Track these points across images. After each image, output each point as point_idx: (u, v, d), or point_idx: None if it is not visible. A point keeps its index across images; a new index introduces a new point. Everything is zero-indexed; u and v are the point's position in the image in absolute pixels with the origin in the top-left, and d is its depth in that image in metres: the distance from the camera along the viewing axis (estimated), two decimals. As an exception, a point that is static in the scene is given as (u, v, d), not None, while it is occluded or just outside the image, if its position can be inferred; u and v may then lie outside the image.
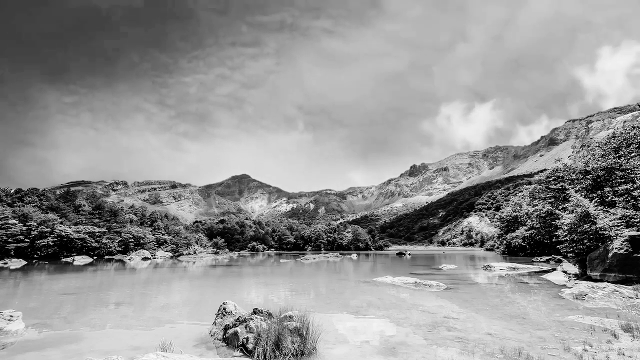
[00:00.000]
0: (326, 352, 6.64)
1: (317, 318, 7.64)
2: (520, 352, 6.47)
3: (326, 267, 34.15)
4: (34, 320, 9.71)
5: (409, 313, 10.50)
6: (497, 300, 13.07)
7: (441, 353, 6.56)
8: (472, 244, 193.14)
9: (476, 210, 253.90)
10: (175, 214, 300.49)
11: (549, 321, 9.26)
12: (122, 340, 7.85)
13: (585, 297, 12.68)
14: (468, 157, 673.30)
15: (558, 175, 28.12)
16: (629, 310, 10.44)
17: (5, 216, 49.84)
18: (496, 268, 27.57)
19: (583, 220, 18.32)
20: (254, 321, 7.08)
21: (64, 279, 22.96)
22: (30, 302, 13.26)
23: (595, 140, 28.57)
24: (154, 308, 12.05)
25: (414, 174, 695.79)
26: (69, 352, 6.93)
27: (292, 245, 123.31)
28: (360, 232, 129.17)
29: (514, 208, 61.18)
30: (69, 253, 53.43)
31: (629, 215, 18.56)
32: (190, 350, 6.79)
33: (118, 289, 17.30)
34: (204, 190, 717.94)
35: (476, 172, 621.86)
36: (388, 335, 7.96)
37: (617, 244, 15.91)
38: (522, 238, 51.56)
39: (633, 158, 20.89)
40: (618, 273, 15.42)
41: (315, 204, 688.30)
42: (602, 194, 22.30)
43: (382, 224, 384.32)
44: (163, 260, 52.02)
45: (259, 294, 15.72)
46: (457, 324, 8.99)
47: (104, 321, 9.85)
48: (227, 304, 8.92)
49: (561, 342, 7.13)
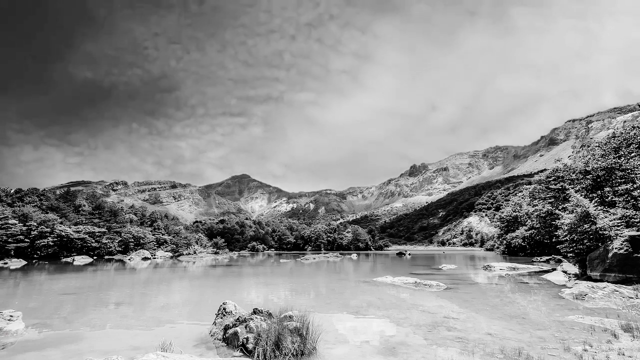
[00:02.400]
0: (326, 352, 6.63)
1: (317, 318, 7.64)
2: (520, 352, 6.47)
3: (326, 267, 34.15)
4: (34, 320, 9.71)
5: (409, 313, 10.50)
6: (497, 300, 13.07)
7: (441, 353, 6.56)
8: (472, 244, 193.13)
9: (476, 210, 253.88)
10: (175, 214, 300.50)
11: (549, 321, 9.26)
12: (122, 340, 7.85)
13: (585, 297, 12.68)
14: (468, 157, 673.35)
15: (558, 175, 28.10)
16: (629, 310, 10.44)
17: (5, 216, 49.83)
18: (496, 268, 27.57)
19: (583, 220, 18.31)
20: (254, 321, 7.08)
21: (64, 279, 22.96)
22: (30, 302, 13.25)
23: (595, 140, 28.57)
24: (154, 308, 12.05)
25: (414, 174, 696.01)
26: (69, 352, 6.93)
27: (292, 245, 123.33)
28: (360, 232, 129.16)
29: (514, 208, 61.18)
30: (69, 253, 53.43)
31: (629, 215, 18.56)
32: (190, 350, 6.78)
33: (118, 289, 17.29)
34: (204, 190, 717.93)
35: (476, 172, 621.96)
36: (388, 335, 7.95)
37: (617, 244, 15.91)
38: (522, 238, 51.55)
39: (633, 158, 20.89)
40: (618, 273, 15.42)
41: (315, 204, 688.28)
42: (602, 194, 22.30)
43: (382, 224, 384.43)
44: (163, 260, 52.01)
45: (259, 294, 15.71)
46: (457, 324, 8.99)
47: (104, 321, 9.85)
48: (227, 304, 8.92)
49: (561, 342, 7.13)
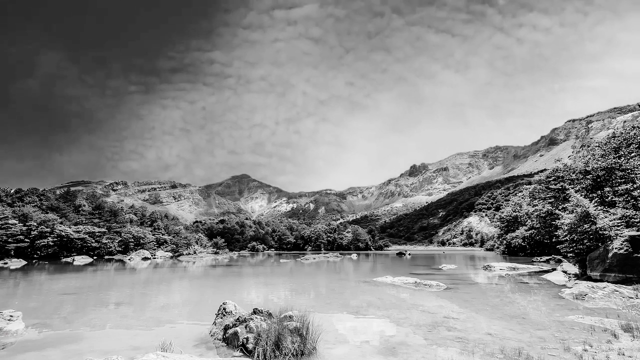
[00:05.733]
0: (326, 352, 6.63)
1: (317, 318, 7.64)
2: (520, 352, 6.46)
3: (326, 267, 34.14)
4: (34, 320, 9.71)
5: (409, 313, 10.50)
6: (497, 300, 13.07)
7: (441, 353, 6.55)
8: (472, 244, 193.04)
9: (476, 210, 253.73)
10: (175, 214, 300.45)
11: (549, 321, 9.26)
12: (122, 340, 7.85)
13: (585, 297, 12.68)
14: (468, 157, 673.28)
15: (558, 175, 28.08)
16: (629, 310, 10.44)
17: (5, 216, 49.83)
18: (496, 268, 27.56)
19: (583, 220, 18.30)
20: (254, 321, 7.07)
21: (64, 279, 22.95)
22: (30, 302, 13.25)
23: (595, 140, 28.57)
24: (154, 308, 12.04)
25: (414, 174, 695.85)
26: (69, 352, 6.93)
27: (292, 245, 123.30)
28: (360, 232, 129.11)
29: (514, 208, 61.15)
30: (69, 253, 53.43)
31: (629, 215, 18.56)
32: (190, 350, 6.78)
33: (118, 289, 17.29)
34: (204, 190, 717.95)
35: (476, 172, 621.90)
36: (388, 335, 7.95)
37: (617, 244, 15.90)
38: (522, 238, 51.54)
39: (633, 158, 20.89)
40: (618, 273, 15.41)
41: (315, 204, 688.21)
42: (602, 194, 22.29)
43: (382, 224, 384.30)
44: (163, 260, 52.00)
45: (259, 294, 15.71)
46: (457, 324, 8.99)
47: (104, 321, 9.85)
48: (227, 304, 8.92)
49: (561, 342, 7.13)
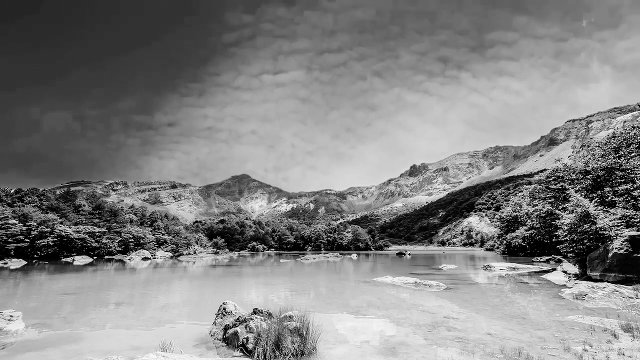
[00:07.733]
0: (326, 352, 6.63)
1: (317, 318, 7.64)
2: (520, 352, 6.46)
3: (326, 267, 34.14)
4: (34, 320, 9.71)
5: (409, 313, 10.50)
6: (497, 300, 13.07)
7: (441, 353, 6.55)
8: (472, 244, 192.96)
9: (476, 210, 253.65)
10: (175, 214, 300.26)
11: (549, 321, 9.26)
12: (122, 340, 7.85)
13: (585, 297, 12.68)
14: (468, 157, 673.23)
15: (558, 175, 28.08)
16: (629, 310, 10.44)
17: (5, 216, 49.82)
18: (496, 268, 27.56)
19: (583, 220, 18.30)
20: (254, 321, 7.07)
21: (64, 279, 22.95)
22: (30, 302, 13.25)
23: (595, 140, 28.57)
24: (154, 308, 12.04)
25: (414, 174, 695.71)
26: (69, 352, 6.92)
27: (292, 245, 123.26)
28: (360, 232, 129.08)
29: (514, 208, 61.15)
30: (69, 253, 53.41)
31: (629, 215, 18.55)
32: (190, 350, 6.78)
33: (118, 289, 17.29)
34: (204, 190, 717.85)
35: (476, 172, 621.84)
36: (388, 335, 7.95)
37: (617, 244, 15.90)
38: (522, 238, 51.53)
39: (633, 158, 20.88)
40: (618, 273, 15.41)
41: (315, 204, 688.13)
42: (602, 194, 22.29)
43: (382, 224, 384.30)
44: (163, 260, 52.00)
45: (259, 294, 15.71)
46: (457, 324, 8.99)
47: (104, 321, 9.85)
48: (227, 304, 8.92)
49: (561, 342, 7.13)
